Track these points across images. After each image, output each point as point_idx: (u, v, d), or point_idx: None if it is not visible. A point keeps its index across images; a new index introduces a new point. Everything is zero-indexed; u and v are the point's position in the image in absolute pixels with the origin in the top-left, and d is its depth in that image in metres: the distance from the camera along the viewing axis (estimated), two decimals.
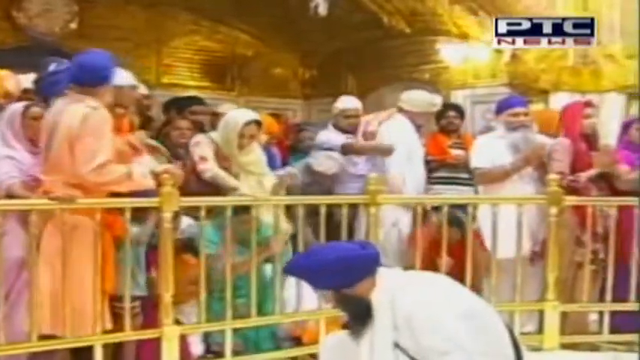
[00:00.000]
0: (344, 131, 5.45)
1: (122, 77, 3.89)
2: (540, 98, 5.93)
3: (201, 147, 4.45)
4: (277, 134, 5.83)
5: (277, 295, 4.14)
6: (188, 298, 4.03)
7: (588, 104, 5.00)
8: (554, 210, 4.43)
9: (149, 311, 3.84)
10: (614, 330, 4.56)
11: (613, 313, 4.57)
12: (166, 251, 3.70)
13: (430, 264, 4.38)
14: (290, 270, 3.00)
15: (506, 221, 4.46)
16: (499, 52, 6.28)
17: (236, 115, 4.59)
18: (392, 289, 2.67)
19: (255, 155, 4.59)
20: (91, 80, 3.52)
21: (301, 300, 4.17)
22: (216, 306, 4.01)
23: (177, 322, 3.87)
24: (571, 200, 4.50)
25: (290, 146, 6.02)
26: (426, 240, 4.58)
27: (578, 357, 4.38)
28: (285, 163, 5.35)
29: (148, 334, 3.74)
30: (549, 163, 4.77)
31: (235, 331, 4.04)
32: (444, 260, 4.44)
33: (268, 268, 4.32)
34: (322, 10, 5.74)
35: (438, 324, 2.53)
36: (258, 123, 4.54)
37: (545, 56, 5.93)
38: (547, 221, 4.48)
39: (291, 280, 4.20)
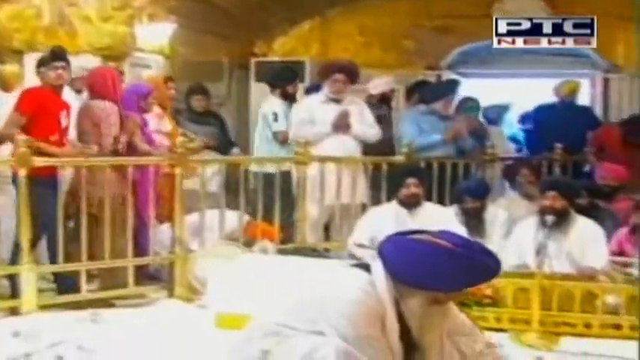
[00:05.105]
0: None
1: None
2: (14, 59, 5.70)
3: None
4: None
5: None
6: None
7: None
8: (23, 172, 4.35)
9: None
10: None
11: None
12: None
13: None
14: None
15: None
16: None
17: None
18: None
19: None
20: None
21: None
22: None
23: None
24: (40, 161, 4.45)
25: None
26: None
27: (56, 316, 4.36)
28: None
29: None
30: None
31: None
32: None
33: None
34: None
35: None
36: None
37: (18, 15, 5.73)
38: (18, 182, 4.38)
39: None
